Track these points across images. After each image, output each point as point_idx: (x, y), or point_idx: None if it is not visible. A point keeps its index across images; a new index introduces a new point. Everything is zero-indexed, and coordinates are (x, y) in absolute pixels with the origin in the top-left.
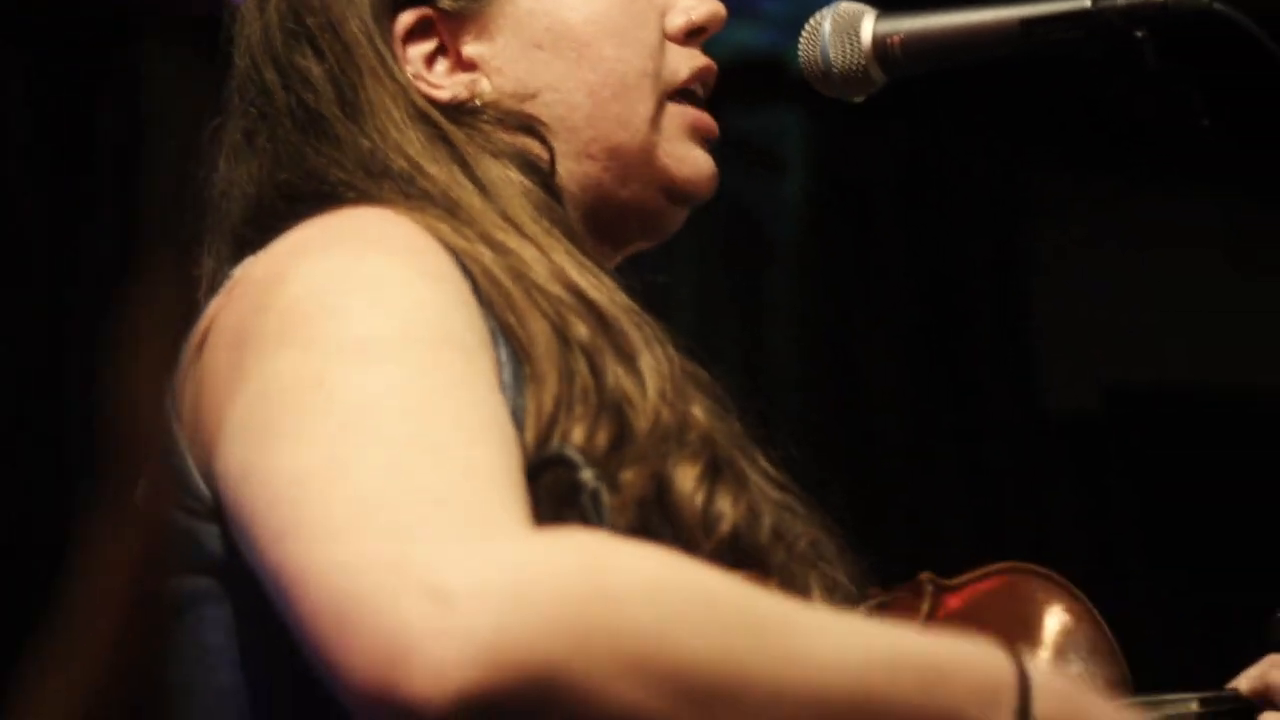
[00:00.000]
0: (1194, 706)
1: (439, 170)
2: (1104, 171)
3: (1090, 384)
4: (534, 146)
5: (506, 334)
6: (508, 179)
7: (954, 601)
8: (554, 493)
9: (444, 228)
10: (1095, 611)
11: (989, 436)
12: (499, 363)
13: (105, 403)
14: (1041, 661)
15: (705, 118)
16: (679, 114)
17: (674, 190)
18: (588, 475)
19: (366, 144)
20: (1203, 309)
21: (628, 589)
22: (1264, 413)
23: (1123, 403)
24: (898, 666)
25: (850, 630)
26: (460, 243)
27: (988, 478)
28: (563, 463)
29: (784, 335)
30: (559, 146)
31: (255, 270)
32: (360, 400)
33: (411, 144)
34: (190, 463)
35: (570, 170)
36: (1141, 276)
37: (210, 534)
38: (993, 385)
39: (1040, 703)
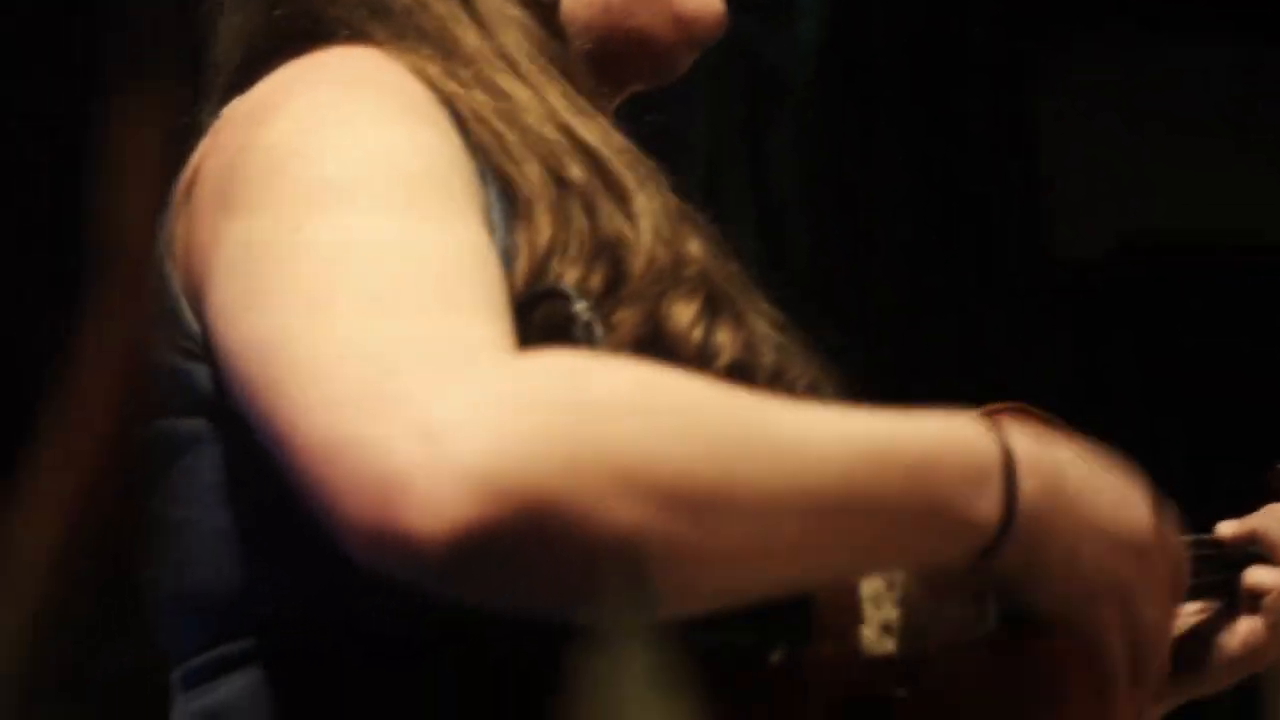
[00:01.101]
0: None
1: (439, 5)
2: (1116, 15)
3: (1098, 234)
4: None
5: (498, 177)
6: (507, 16)
7: None
8: (546, 327)
9: (434, 69)
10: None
11: (994, 286)
12: (488, 204)
13: (91, 234)
14: (1028, 436)
15: None
16: None
17: (680, 24)
18: (581, 307)
19: None
20: (1215, 160)
21: (614, 403)
22: (1273, 266)
23: (1130, 254)
24: (884, 459)
25: (835, 426)
26: (451, 86)
27: (992, 327)
28: (555, 296)
29: (792, 181)
30: None
31: (239, 111)
32: (340, 242)
33: None
34: (183, 303)
35: None
36: (1154, 125)
37: (202, 374)
38: (998, 233)
39: (1026, 480)
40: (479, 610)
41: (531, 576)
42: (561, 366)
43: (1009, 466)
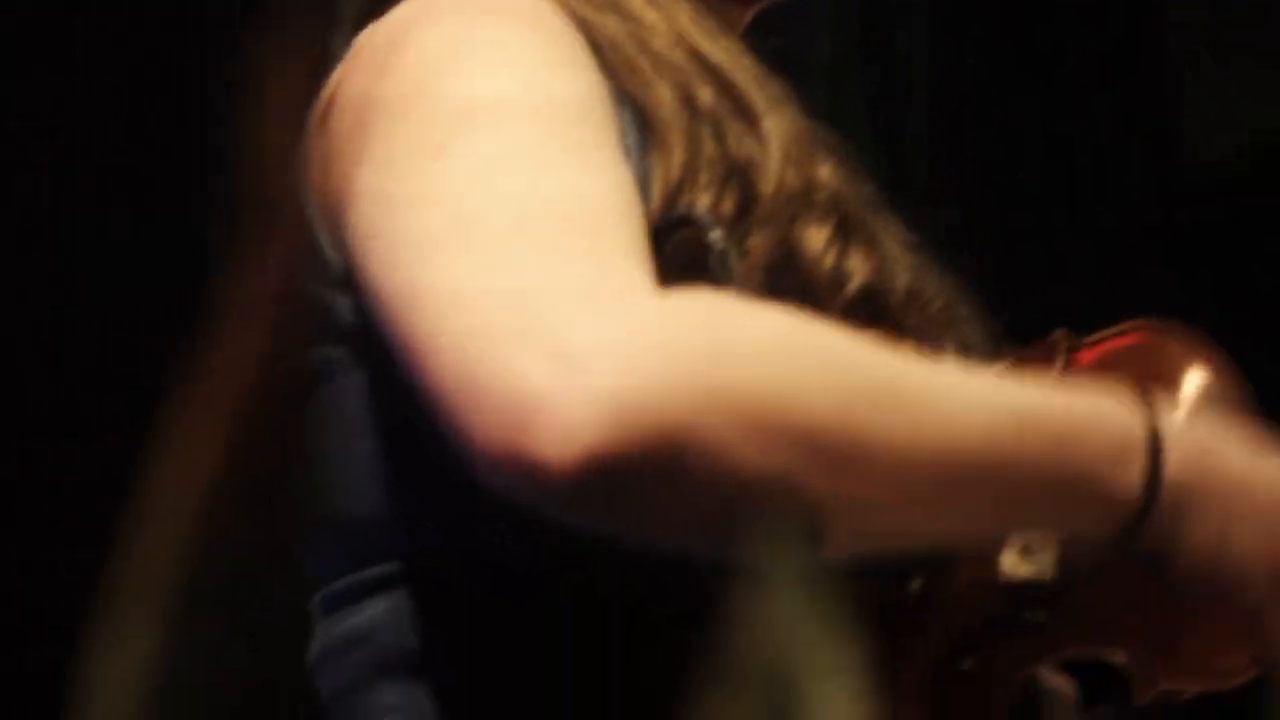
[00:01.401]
0: None
1: None
2: None
3: (1230, 135)
4: None
5: (631, 102)
6: None
7: (1088, 358)
8: (681, 255)
9: None
10: (1236, 371)
11: (1126, 188)
12: (623, 130)
13: (237, 165)
14: (1175, 412)
15: None
16: None
17: None
18: (716, 235)
19: None
20: None
21: (755, 348)
22: None
23: (1264, 155)
24: (1026, 426)
25: (978, 389)
26: (584, 10)
27: (1125, 231)
28: (690, 223)
29: (918, 93)
30: None
31: (375, 37)
32: (480, 166)
33: None
34: (321, 231)
35: None
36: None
37: (342, 303)
38: (1129, 136)
39: (1173, 459)
40: (598, 544)
41: (655, 509)
42: (705, 306)
43: (1154, 443)
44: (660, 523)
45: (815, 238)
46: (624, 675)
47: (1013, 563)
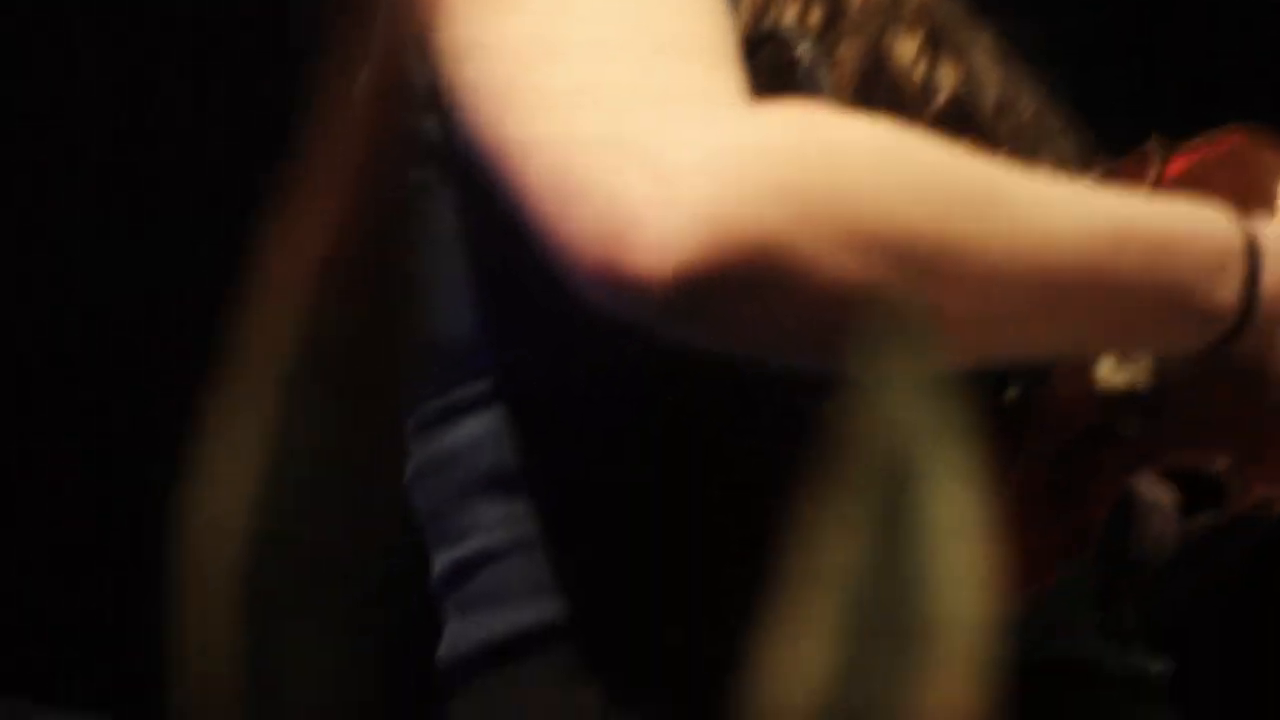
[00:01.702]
0: None
1: None
2: None
3: None
4: None
5: None
6: None
7: (1181, 165)
8: (770, 69)
9: None
10: None
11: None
12: None
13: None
14: (1271, 222)
15: None
16: None
17: None
18: (804, 49)
19: None
20: None
21: (849, 158)
22: None
23: None
24: (1123, 238)
25: (1076, 200)
26: None
27: (1215, 54)
28: (777, 38)
29: None
30: None
31: None
32: None
33: None
34: (410, 50)
35: None
36: None
37: (430, 124)
38: None
39: (1270, 271)
40: (692, 360)
41: (752, 322)
42: (800, 118)
43: (1251, 255)
44: (757, 335)
45: (905, 48)
46: (712, 490)
47: (1109, 371)
